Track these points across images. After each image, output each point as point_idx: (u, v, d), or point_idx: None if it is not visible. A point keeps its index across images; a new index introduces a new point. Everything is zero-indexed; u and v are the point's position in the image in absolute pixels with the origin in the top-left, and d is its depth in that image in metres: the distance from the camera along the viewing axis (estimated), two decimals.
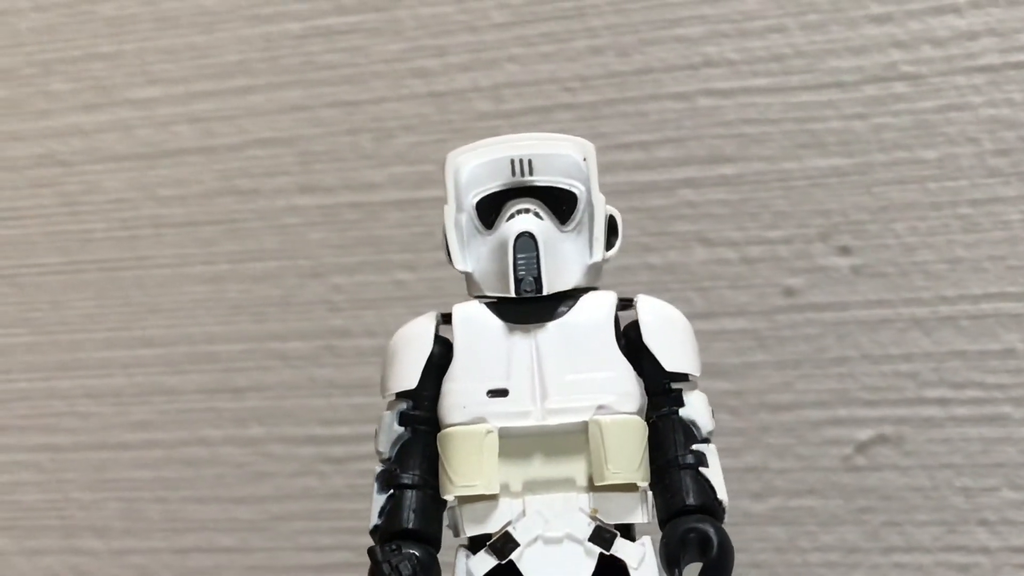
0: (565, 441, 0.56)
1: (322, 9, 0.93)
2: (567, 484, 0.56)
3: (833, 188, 0.85)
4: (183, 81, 0.96)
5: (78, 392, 0.98)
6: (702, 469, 0.56)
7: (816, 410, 0.86)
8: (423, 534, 0.57)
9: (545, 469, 0.56)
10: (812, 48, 0.85)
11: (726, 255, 0.87)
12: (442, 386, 0.57)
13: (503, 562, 0.55)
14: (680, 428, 0.57)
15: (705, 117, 0.87)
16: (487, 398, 0.56)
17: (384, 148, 0.92)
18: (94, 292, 0.97)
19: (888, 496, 0.85)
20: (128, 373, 0.97)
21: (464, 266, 0.58)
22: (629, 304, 0.59)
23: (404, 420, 0.58)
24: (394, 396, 0.59)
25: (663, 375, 0.58)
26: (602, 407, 0.56)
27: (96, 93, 0.97)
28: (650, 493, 0.57)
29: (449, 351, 0.58)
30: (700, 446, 0.57)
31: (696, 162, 0.87)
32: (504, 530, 0.56)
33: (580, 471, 0.56)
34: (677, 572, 0.54)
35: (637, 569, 0.55)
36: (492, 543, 0.56)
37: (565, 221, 0.57)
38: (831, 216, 0.85)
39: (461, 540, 0.57)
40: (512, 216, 0.57)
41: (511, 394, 0.56)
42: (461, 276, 0.59)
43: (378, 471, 0.58)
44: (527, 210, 0.57)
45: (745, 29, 0.86)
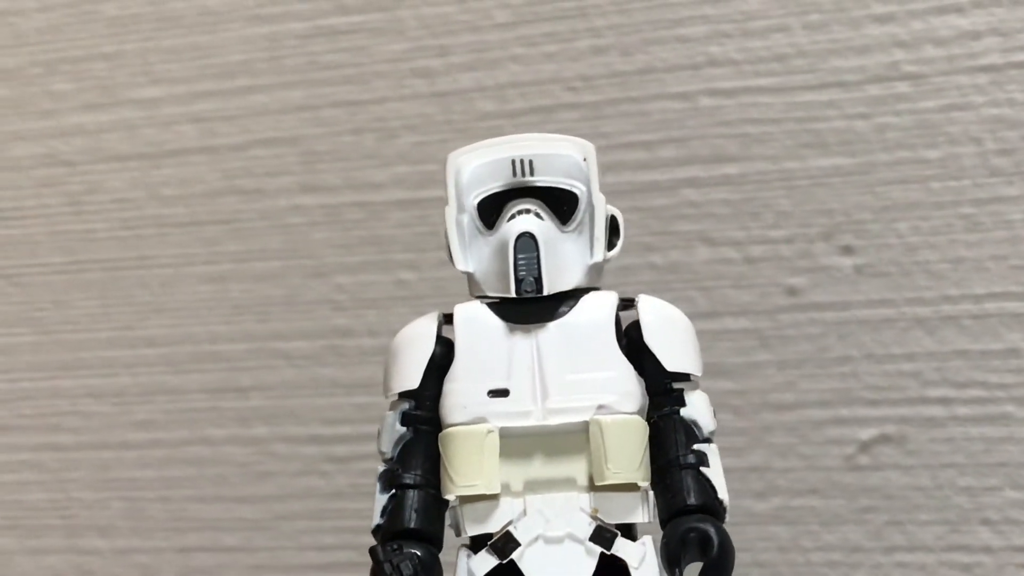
0: (566, 441, 0.56)
1: (325, 9, 0.93)
2: (568, 484, 0.56)
3: (836, 188, 0.85)
4: (186, 81, 0.96)
5: (81, 391, 0.98)
6: (703, 469, 0.56)
7: (819, 409, 0.86)
8: (425, 534, 0.57)
9: (546, 469, 0.56)
10: (814, 48, 0.85)
11: (729, 255, 0.87)
12: (443, 386, 0.57)
13: (504, 561, 0.55)
14: (681, 428, 0.57)
15: (708, 117, 0.87)
16: (488, 398, 0.56)
17: (387, 148, 0.92)
18: (97, 292, 0.98)
19: (891, 495, 0.85)
20: (131, 372, 0.97)
21: (465, 266, 0.58)
22: (631, 304, 0.59)
23: (406, 420, 0.58)
24: (396, 396, 0.59)
25: (664, 375, 0.58)
26: (602, 407, 0.56)
27: (99, 93, 0.97)
28: (651, 493, 0.57)
29: (451, 351, 0.58)
30: (701, 446, 0.57)
31: (699, 162, 0.87)
32: (505, 530, 0.56)
33: (581, 471, 0.56)
34: (678, 572, 0.54)
35: (638, 569, 0.55)
36: (493, 543, 0.56)
37: (566, 221, 0.57)
38: (834, 216, 0.85)
39: (463, 540, 0.57)
40: (513, 216, 0.57)
41: (512, 394, 0.56)
42: (463, 276, 0.59)
43: (380, 471, 0.59)
44: (528, 210, 0.57)
45: (747, 29, 0.86)
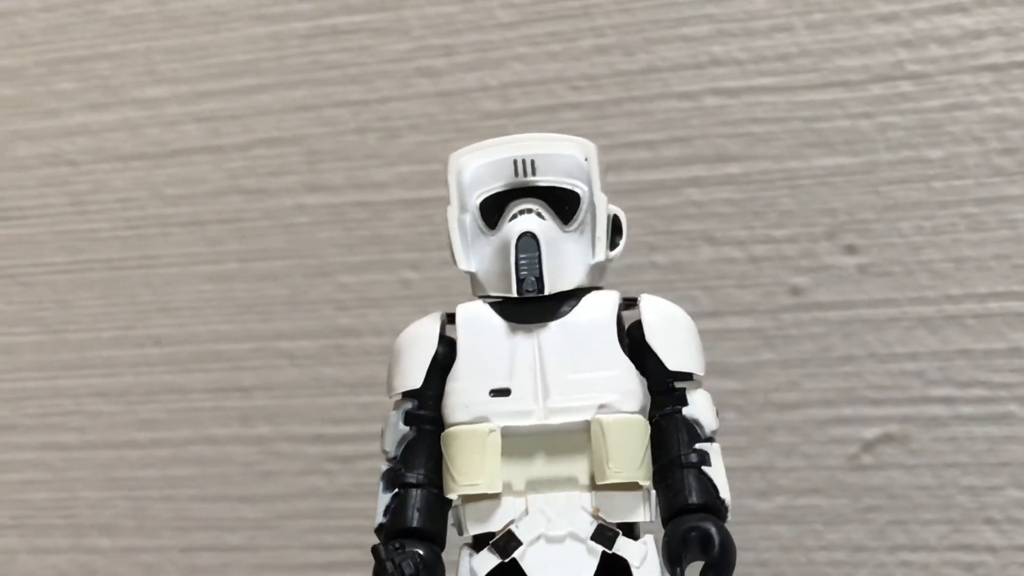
0: (567, 440, 0.56)
1: (329, 9, 0.93)
2: (569, 483, 0.56)
3: (839, 187, 0.85)
4: (190, 80, 0.96)
5: (85, 391, 0.98)
6: (705, 468, 0.56)
7: (822, 409, 0.86)
8: (427, 533, 0.57)
9: (547, 468, 0.56)
10: (818, 47, 0.85)
11: (732, 254, 0.87)
12: (446, 385, 0.57)
13: (506, 560, 0.56)
14: (683, 427, 0.57)
15: (711, 116, 0.87)
16: (490, 397, 0.56)
17: (391, 147, 0.92)
18: (101, 291, 0.98)
19: (894, 495, 0.85)
20: (135, 372, 0.97)
21: (468, 266, 0.58)
22: (633, 303, 0.59)
23: (409, 419, 0.59)
24: (400, 396, 0.59)
25: (666, 374, 0.57)
26: (604, 406, 0.56)
27: (103, 92, 0.97)
28: (653, 492, 0.57)
29: (454, 351, 0.58)
30: (703, 445, 0.57)
31: (702, 161, 0.87)
32: (507, 529, 0.56)
33: (582, 470, 0.56)
34: (679, 571, 0.54)
35: (639, 568, 0.55)
36: (495, 542, 0.56)
37: (568, 221, 0.57)
38: (837, 215, 0.85)
39: (465, 539, 0.57)
40: (515, 216, 0.57)
41: (513, 393, 0.56)
42: (467, 275, 0.59)
43: (383, 470, 0.59)
44: (530, 210, 0.57)
45: (751, 28, 0.86)
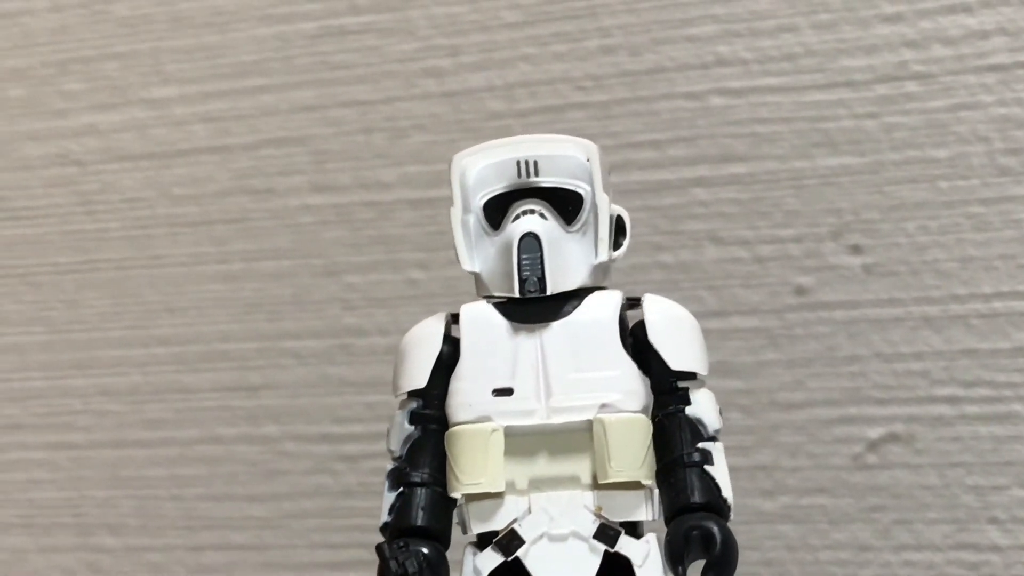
0: (569, 439, 0.56)
1: (335, 9, 0.94)
2: (572, 482, 0.56)
3: (844, 187, 0.85)
4: (197, 81, 0.96)
5: (93, 390, 0.98)
6: (708, 467, 0.56)
7: (827, 408, 0.86)
8: (432, 531, 0.57)
9: (550, 467, 0.56)
10: (823, 47, 0.85)
11: (738, 254, 0.87)
12: (450, 385, 0.58)
13: (509, 559, 0.56)
14: (687, 426, 0.57)
15: (717, 116, 0.87)
16: (492, 397, 0.56)
17: (397, 147, 0.92)
18: (109, 291, 0.98)
19: (899, 494, 0.85)
20: (143, 371, 0.97)
21: (472, 267, 0.58)
22: (637, 303, 0.59)
23: (414, 419, 0.59)
24: (405, 395, 0.59)
25: (669, 374, 0.58)
26: (606, 405, 0.56)
27: (111, 93, 0.98)
28: (656, 491, 0.57)
29: (458, 350, 0.58)
30: (706, 444, 0.57)
31: (708, 161, 0.87)
32: (510, 527, 0.56)
33: (584, 469, 0.56)
34: (681, 570, 0.55)
35: (642, 566, 0.55)
36: (498, 540, 0.56)
37: (571, 221, 0.57)
38: (842, 215, 0.85)
39: (470, 537, 0.58)
40: (518, 217, 0.57)
41: (516, 393, 0.56)
42: (473, 275, 0.59)
43: (389, 469, 0.59)
44: (532, 211, 0.57)
45: (756, 28, 0.86)
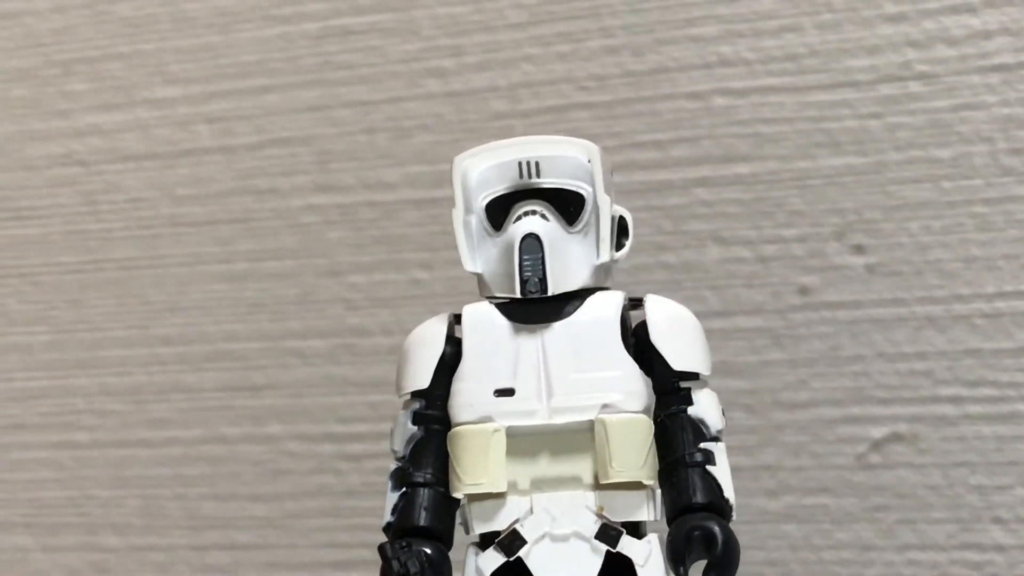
0: (571, 439, 0.56)
1: (339, 9, 0.94)
2: (573, 482, 0.56)
3: (847, 187, 0.85)
4: (201, 81, 0.96)
5: (97, 390, 0.98)
6: (710, 467, 0.56)
7: (830, 408, 0.86)
8: (434, 531, 0.57)
9: (552, 467, 0.56)
10: (827, 47, 0.85)
11: (741, 254, 0.87)
12: (452, 386, 0.58)
13: (511, 559, 0.56)
14: (689, 426, 0.57)
15: (720, 116, 0.87)
16: (494, 397, 0.56)
17: (401, 147, 0.93)
18: (113, 291, 0.98)
19: (902, 494, 0.85)
20: (147, 371, 0.97)
21: (474, 267, 0.58)
22: (639, 304, 0.59)
23: (417, 419, 0.59)
24: (408, 395, 0.59)
25: (672, 374, 0.58)
26: (607, 406, 0.56)
27: (115, 93, 0.98)
28: (658, 491, 0.57)
29: (460, 351, 0.58)
30: (709, 444, 0.57)
31: (711, 161, 0.87)
32: (512, 528, 0.56)
33: (586, 469, 0.56)
34: (682, 570, 0.55)
35: (643, 566, 0.55)
36: (500, 540, 0.56)
37: (572, 222, 0.57)
38: (845, 215, 0.85)
39: (472, 537, 0.58)
40: (519, 218, 0.57)
41: (517, 393, 0.56)
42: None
43: (392, 469, 0.59)
44: (534, 212, 0.57)
45: (760, 29, 0.86)
